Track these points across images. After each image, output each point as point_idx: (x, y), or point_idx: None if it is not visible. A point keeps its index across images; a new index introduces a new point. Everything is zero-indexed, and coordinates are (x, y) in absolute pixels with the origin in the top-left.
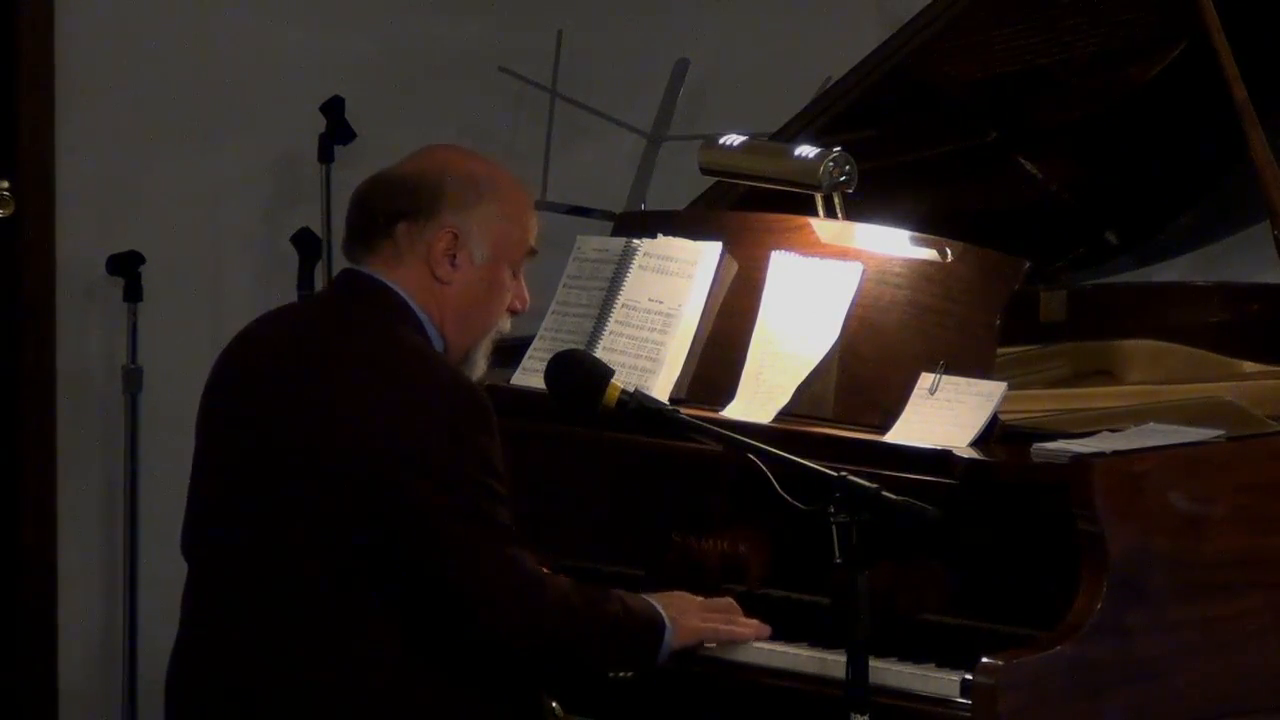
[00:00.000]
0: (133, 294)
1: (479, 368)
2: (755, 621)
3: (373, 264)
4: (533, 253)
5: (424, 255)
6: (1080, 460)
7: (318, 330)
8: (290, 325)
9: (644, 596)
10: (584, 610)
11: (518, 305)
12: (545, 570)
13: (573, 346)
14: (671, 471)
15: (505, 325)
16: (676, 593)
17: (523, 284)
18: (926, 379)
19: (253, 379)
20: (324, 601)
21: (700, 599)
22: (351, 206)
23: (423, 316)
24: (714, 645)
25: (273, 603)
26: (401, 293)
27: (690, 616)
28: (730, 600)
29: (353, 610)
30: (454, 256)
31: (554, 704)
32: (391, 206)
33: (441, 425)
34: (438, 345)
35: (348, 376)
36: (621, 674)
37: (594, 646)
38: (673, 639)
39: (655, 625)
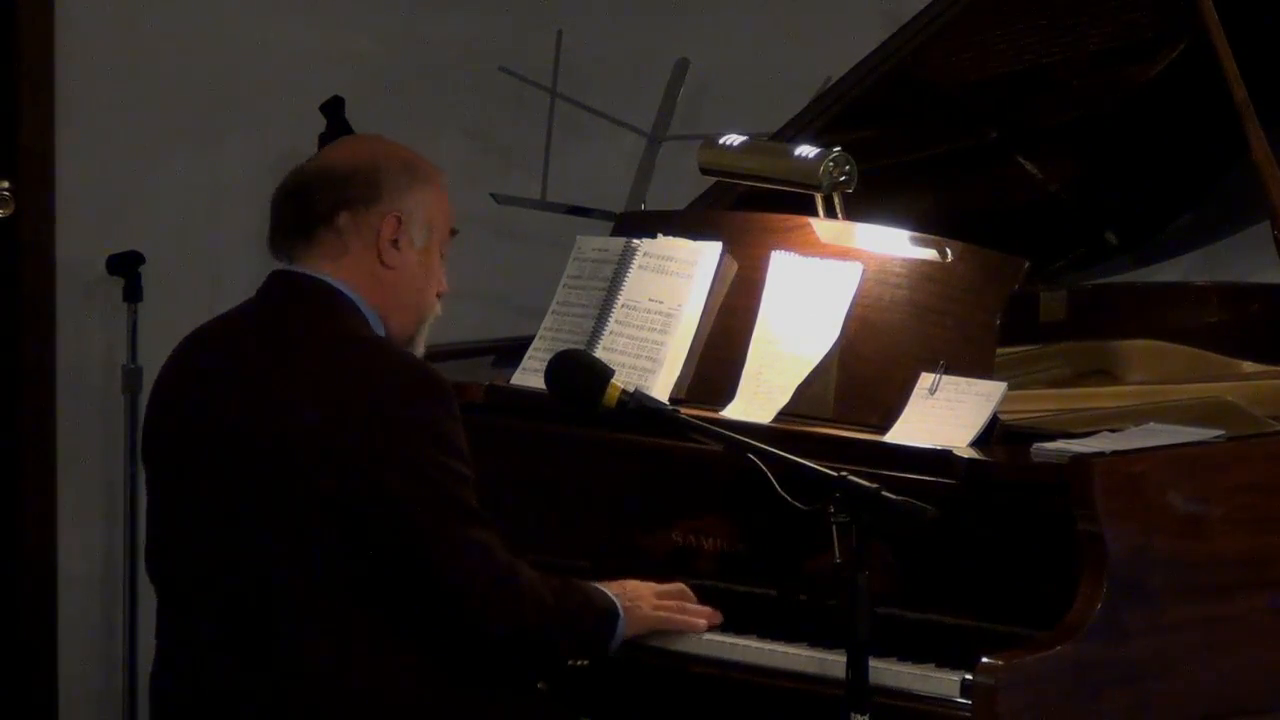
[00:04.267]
0: (133, 294)
1: (419, 351)
2: (707, 609)
3: (312, 258)
4: (454, 233)
5: (371, 242)
6: (1080, 460)
7: (264, 336)
8: (234, 335)
9: (597, 585)
10: (552, 598)
11: (443, 289)
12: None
13: (573, 346)
14: (671, 471)
15: (438, 309)
16: (629, 581)
17: (445, 268)
18: (926, 379)
19: (204, 395)
20: (301, 605)
21: (653, 585)
22: (284, 201)
23: (365, 308)
24: (669, 633)
25: (250, 613)
26: (342, 287)
27: (643, 605)
28: (682, 587)
29: (332, 613)
30: (396, 241)
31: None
32: (333, 197)
33: (401, 411)
34: (381, 333)
35: (302, 376)
36: (579, 661)
37: (560, 634)
38: (625, 628)
39: (610, 614)
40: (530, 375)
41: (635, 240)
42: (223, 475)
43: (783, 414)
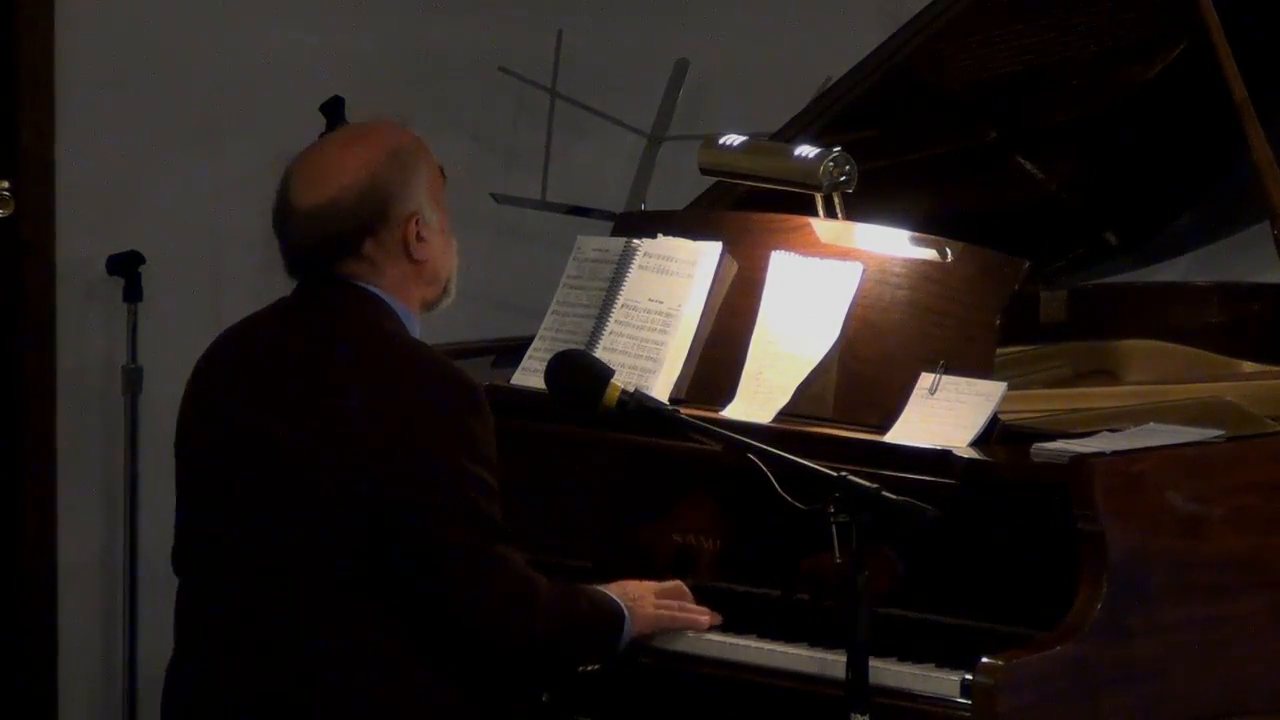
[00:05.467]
0: (133, 294)
1: (452, 294)
2: (706, 609)
3: (345, 273)
4: (443, 174)
5: (399, 251)
6: (1080, 460)
7: (302, 336)
8: (271, 334)
9: (599, 588)
10: (564, 609)
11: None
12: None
13: (573, 346)
14: (671, 471)
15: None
16: (628, 582)
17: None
18: (926, 379)
19: (240, 392)
20: (324, 607)
21: (651, 585)
22: (292, 239)
23: (400, 310)
24: (665, 633)
25: (272, 611)
26: (377, 291)
27: (645, 604)
28: (680, 585)
29: (352, 614)
30: (419, 233)
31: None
32: (351, 228)
33: (437, 418)
34: (415, 332)
35: (339, 377)
36: (590, 667)
37: (573, 643)
38: (631, 627)
39: (617, 617)
40: (530, 375)
41: (635, 240)
42: (256, 472)
43: (783, 414)
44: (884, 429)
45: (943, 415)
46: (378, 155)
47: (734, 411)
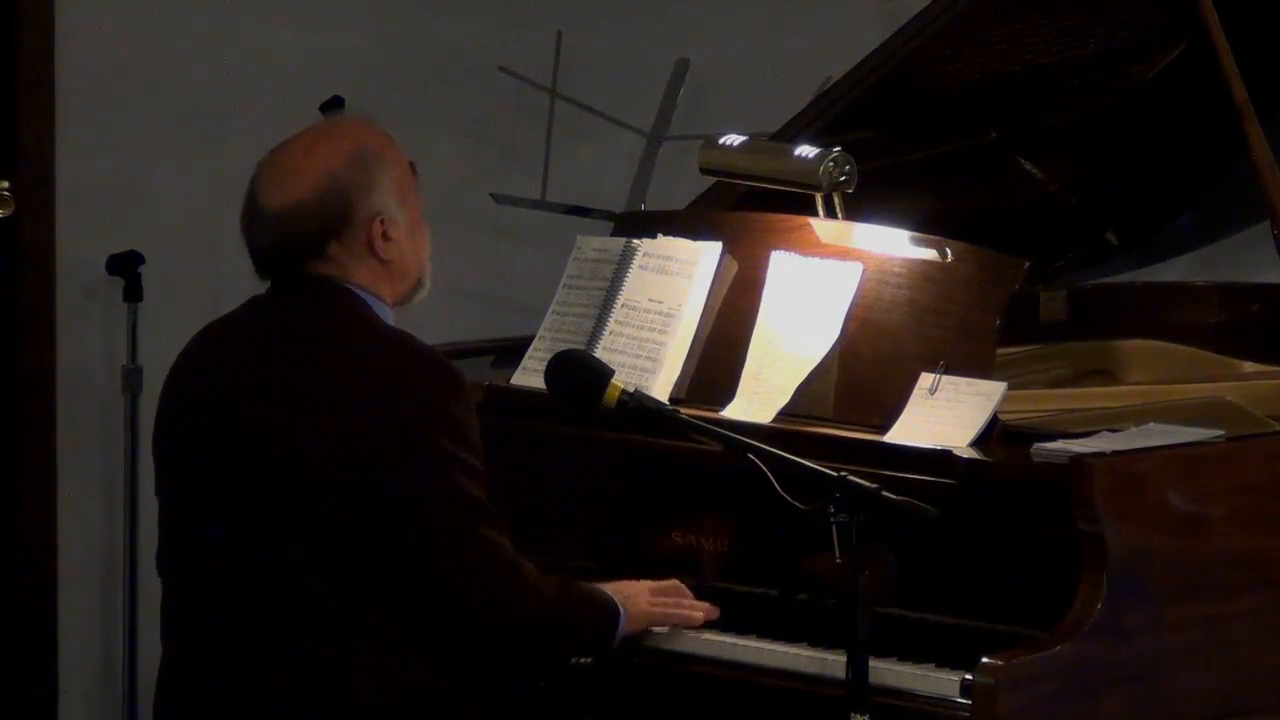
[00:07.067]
0: (133, 294)
1: (427, 287)
2: (704, 604)
3: (315, 272)
4: (415, 171)
5: (364, 251)
6: (1080, 460)
7: (279, 329)
8: (249, 329)
9: (594, 584)
10: (555, 596)
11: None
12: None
13: (573, 346)
14: (671, 471)
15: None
16: (623, 581)
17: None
18: (926, 379)
19: (219, 389)
20: (315, 601)
21: (648, 583)
22: (260, 244)
23: (372, 301)
24: (664, 629)
25: (260, 606)
26: (350, 286)
27: (640, 601)
28: (677, 583)
29: (342, 606)
30: (385, 233)
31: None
32: (312, 231)
33: (418, 402)
34: (390, 322)
35: (319, 368)
36: (582, 660)
37: (564, 632)
38: (625, 624)
39: (611, 611)
40: (530, 375)
41: (635, 240)
42: (239, 466)
43: (783, 414)
44: (884, 429)
45: (943, 415)
46: (339, 158)
47: (734, 411)
